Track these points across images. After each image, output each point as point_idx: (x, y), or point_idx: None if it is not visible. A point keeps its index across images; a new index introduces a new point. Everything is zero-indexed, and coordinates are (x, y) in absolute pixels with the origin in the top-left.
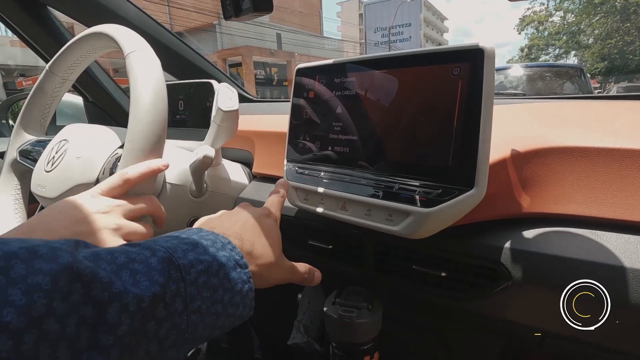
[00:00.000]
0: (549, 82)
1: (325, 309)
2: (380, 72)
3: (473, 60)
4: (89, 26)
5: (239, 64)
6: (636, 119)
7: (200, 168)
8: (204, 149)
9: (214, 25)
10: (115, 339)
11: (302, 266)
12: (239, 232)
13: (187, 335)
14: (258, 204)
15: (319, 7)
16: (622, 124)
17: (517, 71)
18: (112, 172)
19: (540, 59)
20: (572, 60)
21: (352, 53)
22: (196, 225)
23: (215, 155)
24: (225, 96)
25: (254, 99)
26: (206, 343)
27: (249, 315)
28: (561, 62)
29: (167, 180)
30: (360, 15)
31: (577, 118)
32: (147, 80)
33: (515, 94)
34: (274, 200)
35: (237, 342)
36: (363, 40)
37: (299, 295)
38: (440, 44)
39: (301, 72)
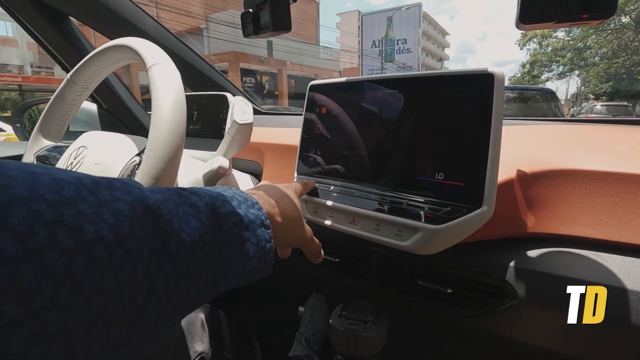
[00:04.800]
0: (524, 104)
1: (331, 321)
2: (392, 92)
3: (483, 84)
4: (110, 38)
5: (226, 71)
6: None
7: (214, 178)
8: (218, 159)
9: (202, 30)
10: (174, 269)
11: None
12: (264, 195)
13: (218, 278)
14: None
15: (316, 17)
16: (626, 148)
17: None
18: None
19: (543, 76)
20: (575, 79)
21: (348, 63)
22: None
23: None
24: (240, 109)
25: (263, 110)
26: (210, 352)
27: (268, 273)
28: (533, 85)
29: None
30: (359, 26)
31: (581, 141)
32: (168, 92)
33: (514, 116)
34: (300, 182)
35: (241, 352)
36: (360, 51)
37: (300, 308)
38: (441, 59)
39: (314, 89)
